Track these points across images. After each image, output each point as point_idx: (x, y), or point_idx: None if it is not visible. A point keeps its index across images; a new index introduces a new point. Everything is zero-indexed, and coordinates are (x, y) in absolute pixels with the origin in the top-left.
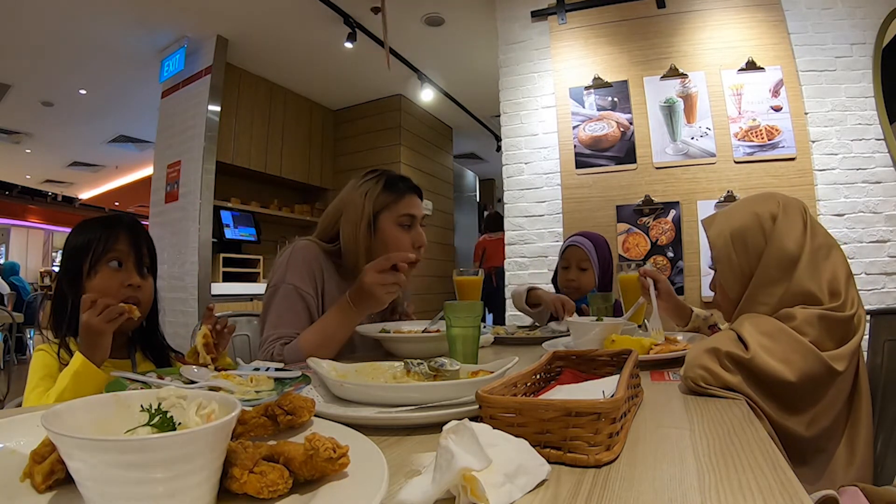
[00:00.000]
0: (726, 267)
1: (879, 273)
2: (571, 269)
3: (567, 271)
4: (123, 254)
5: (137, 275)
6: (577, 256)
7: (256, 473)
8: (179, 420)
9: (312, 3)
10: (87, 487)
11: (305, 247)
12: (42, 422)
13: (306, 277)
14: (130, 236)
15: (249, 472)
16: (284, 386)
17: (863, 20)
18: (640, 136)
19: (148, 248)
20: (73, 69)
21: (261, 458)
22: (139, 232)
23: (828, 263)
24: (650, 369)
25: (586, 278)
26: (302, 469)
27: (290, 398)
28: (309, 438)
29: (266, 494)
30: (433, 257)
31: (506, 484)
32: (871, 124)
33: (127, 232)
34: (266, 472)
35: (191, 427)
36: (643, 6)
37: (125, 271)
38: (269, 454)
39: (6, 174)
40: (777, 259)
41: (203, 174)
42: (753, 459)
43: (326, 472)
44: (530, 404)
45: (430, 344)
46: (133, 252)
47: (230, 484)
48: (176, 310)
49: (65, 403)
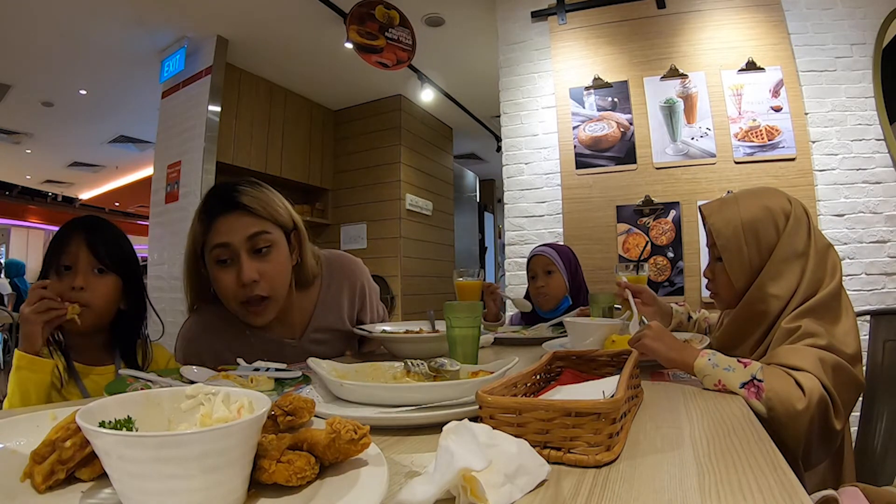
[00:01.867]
0: (735, 257)
1: (879, 273)
2: (539, 276)
3: (535, 280)
4: (72, 256)
5: (89, 275)
6: (542, 263)
7: (284, 462)
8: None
9: (312, 4)
10: (124, 483)
11: (183, 335)
12: (79, 420)
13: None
14: (85, 238)
15: (277, 462)
16: (284, 386)
17: (863, 20)
18: (640, 137)
19: (109, 249)
20: (74, 69)
21: (286, 448)
22: (96, 233)
23: (828, 261)
24: (651, 369)
25: (555, 282)
26: (326, 453)
27: (291, 399)
28: (330, 422)
29: (295, 482)
30: (433, 258)
31: (506, 484)
32: (871, 124)
33: (81, 234)
34: (293, 460)
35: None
36: (643, 6)
37: (72, 274)
38: (293, 443)
39: (6, 174)
40: (786, 255)
41: (203, 174)
42: (753, 460)
43: (350, 453)
44: (530, 405)
45: (430, 344)
46: (85, 254)
47: (260, 475)
48: (176, 310)
49: (96, 402)
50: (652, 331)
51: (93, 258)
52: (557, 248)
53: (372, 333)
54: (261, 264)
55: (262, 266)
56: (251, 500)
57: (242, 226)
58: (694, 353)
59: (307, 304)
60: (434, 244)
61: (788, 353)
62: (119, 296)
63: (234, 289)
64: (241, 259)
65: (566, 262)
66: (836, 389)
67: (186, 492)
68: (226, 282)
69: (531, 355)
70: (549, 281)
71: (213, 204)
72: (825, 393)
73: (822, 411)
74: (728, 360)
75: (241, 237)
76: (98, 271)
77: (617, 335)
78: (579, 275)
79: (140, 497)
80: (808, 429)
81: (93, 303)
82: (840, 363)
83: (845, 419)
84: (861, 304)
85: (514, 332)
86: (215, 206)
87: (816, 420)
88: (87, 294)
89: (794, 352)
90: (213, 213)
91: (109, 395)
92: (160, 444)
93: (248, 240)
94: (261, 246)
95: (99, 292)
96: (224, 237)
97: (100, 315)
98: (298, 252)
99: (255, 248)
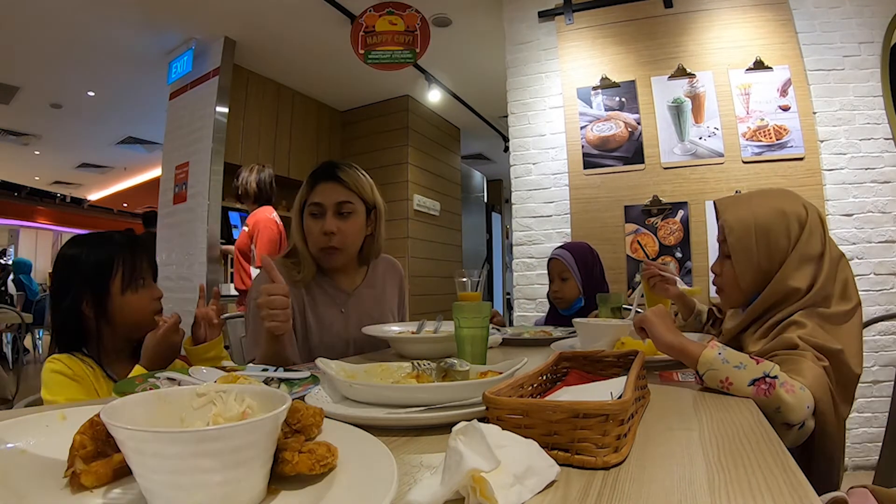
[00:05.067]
0: (743, 256)
1: (888, 273)
2: (554, 281)
3: (552, 284)
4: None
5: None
6: (557, 269)
7: (305, 452)
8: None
9: (320, 5)
10: (154, 481)
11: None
12: (105, 419)
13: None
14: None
15: (299, 453)
16: (293, 386)
17: (870, 19)
18: (647, 136)
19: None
20: (82, 71)
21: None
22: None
23: (840, 270)
24: (660, 370)
25: (569, 287)
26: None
27: (299, 416)
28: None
29: (318, 469)
30: (440, 258)
31: (515, 485)
32: (879, 123)
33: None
34: (314, 450)
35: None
36: (650, 6)
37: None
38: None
39: (15, 176)
40: (800, 262)
41: (211, 175)
42: (763, 460)
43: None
44: (537, 406)
45: (438, 345)
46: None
47: (282, 468)
48: (185, 311)
49: (118, 401)
50: (655, 311)
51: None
52: (573, 250)
53: (386, 335)
54: (340, 223)
55: (341, 224)
56: (270, 493)
57: (334, 192)
58: (699, 344)
59: (358, 278)
60: (442, 244)
61: (794, 367)
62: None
63: (317, 236)
64: (327, 216)
65: (581, 265)
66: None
67: (217, 485)
68: (314, 230)
69: (540, 356)
70: (564, 287)
71: (319, 173)
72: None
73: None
74: (740, 356)
75: (332, 201)
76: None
77: (626, 337)
78: (596, 273)
79: (170, 492)
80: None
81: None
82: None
83: (841, 426)
84: (869, 305)
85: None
86: (319, 174)
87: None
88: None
89: (799, 365)
90: (317, 179)
91: (119, 395)
92: (200, 438)
93: (335, 204)
94: (344, 210)
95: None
96: (319, 198)
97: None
98: (374, 227)
99: (339, 211)
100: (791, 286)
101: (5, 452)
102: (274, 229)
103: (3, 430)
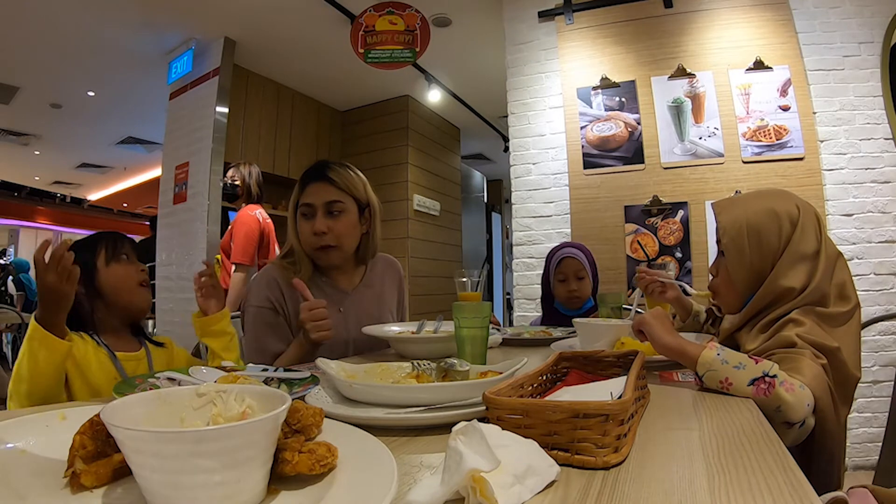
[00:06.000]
0: (736, 257)
1: (888, 273)
2: (570, 280)
3: (565, 283)
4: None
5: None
6: (574, 267)
7: (305, 452)
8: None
9: (320, 5)
10: (154, 481)
11: (262, 270)
12: (106, 420)
13: (262, 296)
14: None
15: (299, 453)
16: (293, 386)
17: (871, 18)
18: (647, 137)
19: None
20: (82, 71)
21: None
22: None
23: (838, 270)
24: (660, 370)
25: (585, 287)
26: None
27: (299, 416)
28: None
29: (318, 469)
30: (440, 258)
31: (515, 485)
32: (879, 123)
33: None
34: (314, 450)
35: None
36: (650, 6)
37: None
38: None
39: (15, 176)
40: (793, 261)
41: (211, 175)
42: (763, 461)
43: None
44: (537, 406)
45: (438, 345)
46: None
47: (283, 468)
48: (185, 310)
49: (118, 401)
50: (654, 313)
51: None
52: (582, 249)
53: (386, 335)
54: (331, 222)
55: (331, 224)
56: (270, 493)
57: (324, 192)
58: (697, 345)
59: (356, 277)
60: (441, 244)
61: (792, 365)
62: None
63: (308, 236)
64: (318, 216)
65: (591, 265)
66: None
67: (216, 485)
68: (305, 230)
69: (540, 356)
70: (581, 286)
71: (309, 173)
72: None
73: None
74: (739, 356)
75: (321, 201)
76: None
77: (626, 337)
78: (597, 274)
79: (170, 492)
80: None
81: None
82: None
83: (840, 424)
84: (869, 305)
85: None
86: (310, 175)
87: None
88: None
89: (798, 364)
90: (307, 180)
91: (119, 395)
92: (200, 438)
93: (325, 204)
94: (334, 210)
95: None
96: (309, 198)
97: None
98: (369, 224)
99: (329, 210)
100: (785, 286)
101: (5, 452)
102: (252, 226)
103: (3, 430)
